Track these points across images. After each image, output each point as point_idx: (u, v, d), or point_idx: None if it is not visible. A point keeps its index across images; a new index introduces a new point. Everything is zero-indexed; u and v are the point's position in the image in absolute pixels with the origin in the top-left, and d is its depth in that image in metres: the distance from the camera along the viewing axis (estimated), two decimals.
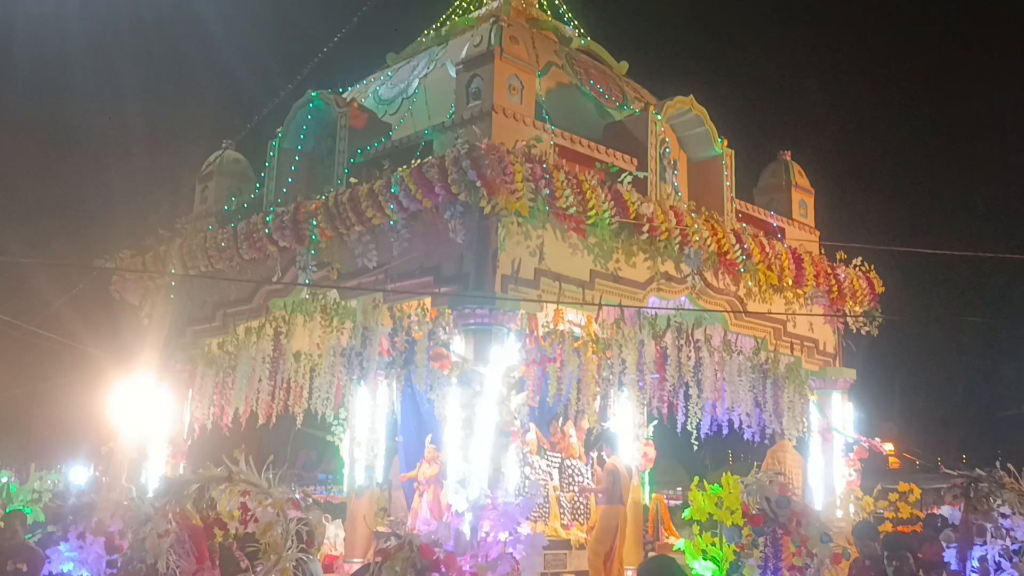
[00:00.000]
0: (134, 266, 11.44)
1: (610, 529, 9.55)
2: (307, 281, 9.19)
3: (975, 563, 8.66)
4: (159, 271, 10.88)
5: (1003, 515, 9.75)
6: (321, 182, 9.80)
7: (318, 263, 9.35)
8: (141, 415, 10.80)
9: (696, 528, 9.96)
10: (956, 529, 10.34)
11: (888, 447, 12.07)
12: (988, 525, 9.73)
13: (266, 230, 9.59)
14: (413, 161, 8.34)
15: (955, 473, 8.35)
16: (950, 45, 38.72)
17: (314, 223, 9.08)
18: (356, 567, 8.95)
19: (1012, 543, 9.40)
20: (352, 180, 9.17)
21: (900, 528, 9.23)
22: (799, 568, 7.65)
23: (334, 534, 11.41)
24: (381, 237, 8.76)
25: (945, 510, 10.55)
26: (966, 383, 30.74)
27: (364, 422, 11.25)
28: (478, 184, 7.66)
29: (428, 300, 8.90)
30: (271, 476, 5.01)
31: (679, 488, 12.90)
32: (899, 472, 12.61)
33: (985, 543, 9.49)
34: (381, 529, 10.81)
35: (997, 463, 8.51)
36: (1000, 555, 8.86)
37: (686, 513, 8.96)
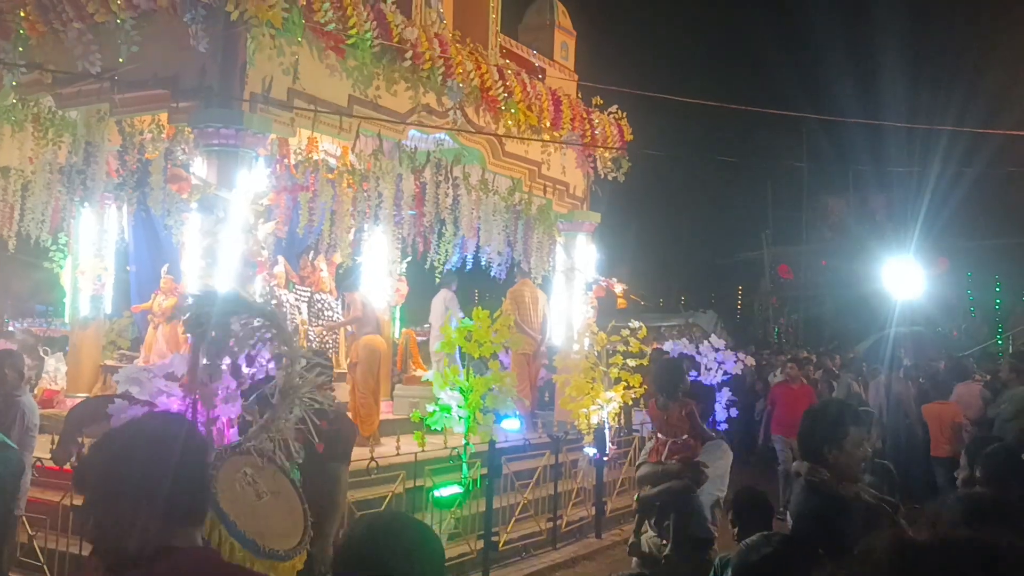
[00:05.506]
0: None
1: (374, 359, 9.25)
2: (13, 83, 7.88)
3: None
4: None
5: (716, 349, 10.93)
6: None
7: (28, 63, 8.02)
8: None
9: (445, 360, 10.19)
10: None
11: (620, 288, 12.84)
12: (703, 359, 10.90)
13: None
14: None
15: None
16: None
17: (22, 14, 7.73)
18: (79, 401, 8.27)
19: (723, 374, 10.59)
20: None
21: (628, 360, 9.99)
22: None
23: (54, 368, 10.48)
24: (107, 38, 7.59)
25: (667, 345, 11.55)
26: (690, 233, 33.72)
27: (89, 249, 10.20)
28: None
29: (165, 116, 7.98)
30: None
31: (427, 325, 13.11)
32: (627, 312, 13.58)
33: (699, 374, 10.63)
34: (110, 363, 10.08)
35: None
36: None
37: (438, 347, 9.07)
